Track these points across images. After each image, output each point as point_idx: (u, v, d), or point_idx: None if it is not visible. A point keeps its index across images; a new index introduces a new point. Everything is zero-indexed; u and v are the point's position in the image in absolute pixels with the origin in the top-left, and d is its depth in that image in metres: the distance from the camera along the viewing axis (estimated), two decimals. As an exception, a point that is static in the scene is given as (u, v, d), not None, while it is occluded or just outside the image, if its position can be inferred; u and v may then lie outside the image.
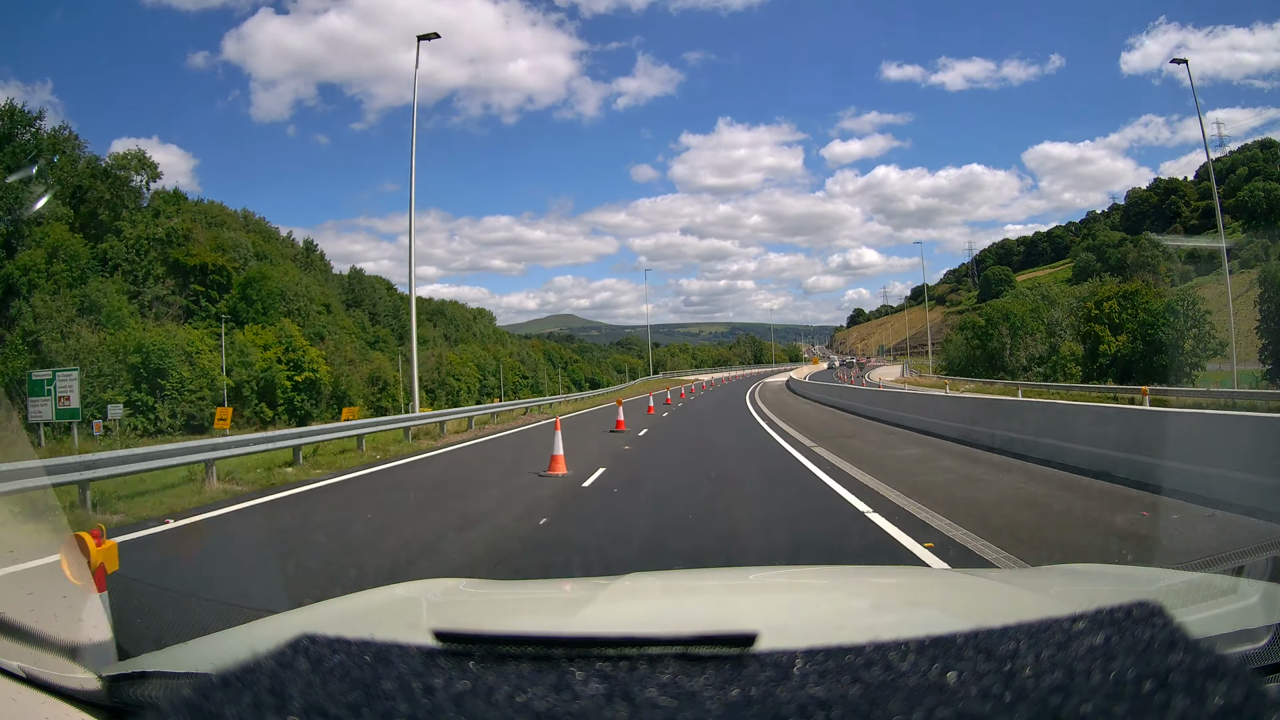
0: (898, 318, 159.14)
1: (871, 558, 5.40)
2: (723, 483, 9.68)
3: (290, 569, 5.63)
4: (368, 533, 7.28)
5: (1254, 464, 6.27)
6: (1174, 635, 0.71)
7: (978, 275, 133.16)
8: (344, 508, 8.88)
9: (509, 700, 0.67)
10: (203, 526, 7.69)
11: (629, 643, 0.76)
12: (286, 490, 10.00)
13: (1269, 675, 1.16)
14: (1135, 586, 1.97)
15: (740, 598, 2.00)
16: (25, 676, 1.26)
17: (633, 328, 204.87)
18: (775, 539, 6.44)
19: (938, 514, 6.79)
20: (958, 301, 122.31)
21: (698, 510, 7.86)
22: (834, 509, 7.53)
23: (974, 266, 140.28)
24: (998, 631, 0.74)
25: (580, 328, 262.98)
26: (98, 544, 1.78)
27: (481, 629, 0.79)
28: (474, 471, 11.99)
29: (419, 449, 15.60)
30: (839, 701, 0.65)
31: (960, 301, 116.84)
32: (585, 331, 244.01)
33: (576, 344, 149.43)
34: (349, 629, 0.84)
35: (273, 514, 8.39)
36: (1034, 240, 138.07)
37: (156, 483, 9.86)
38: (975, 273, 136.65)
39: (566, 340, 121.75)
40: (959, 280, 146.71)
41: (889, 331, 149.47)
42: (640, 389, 55.01)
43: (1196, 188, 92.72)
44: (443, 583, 2.37)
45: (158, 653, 1.45)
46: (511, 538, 6.65)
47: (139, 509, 8.45)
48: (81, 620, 1.66)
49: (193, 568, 6.34)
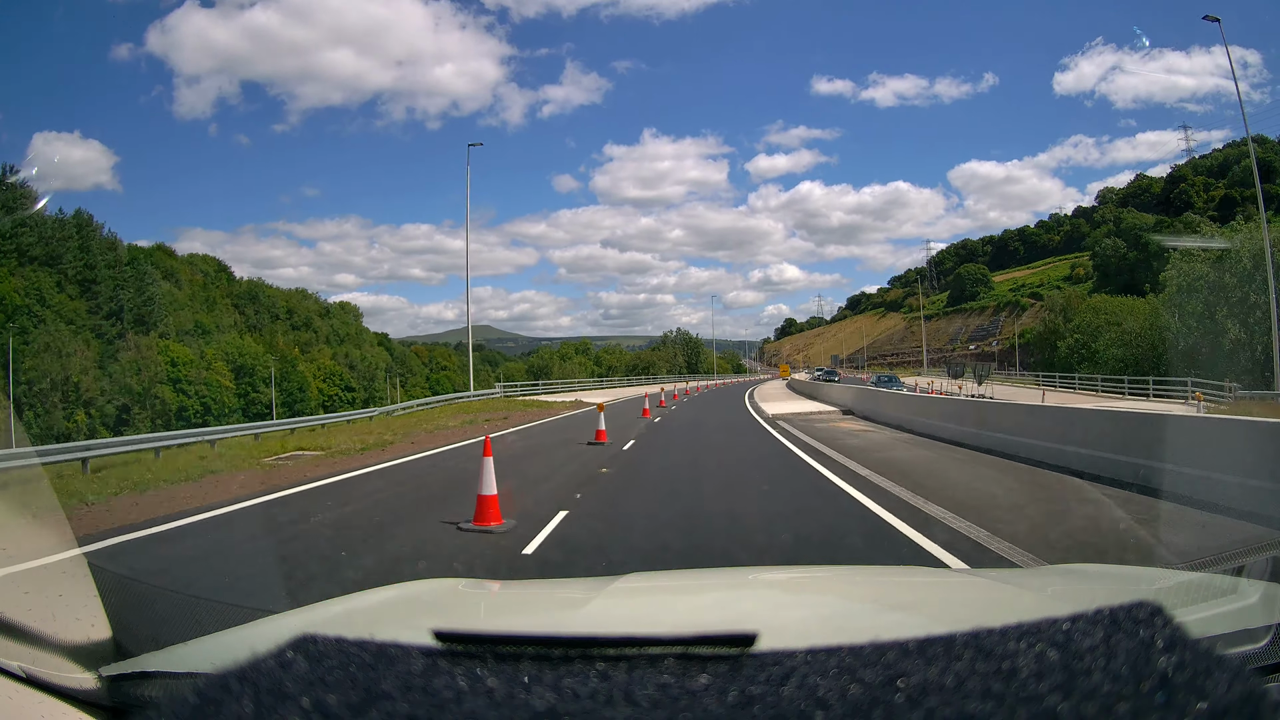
0: (839, 327, 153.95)
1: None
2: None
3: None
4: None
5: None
6: (1174, 635, 0.71)
7: (938, 278, 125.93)
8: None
9: (509, 700, 0.67)
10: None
11: (629, 643, 0.76)
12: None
13: (1269, 675, 1.16)
14: (1135, 586, 1.98)
15: (740, 598, 2.00)
16: (25, 676, 1.26)
17: (548, 339, 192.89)
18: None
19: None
20: (917, 306, 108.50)
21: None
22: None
23: (931, 268, 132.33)
24: (998, 631, 0.74)
25: (496, 339, 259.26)
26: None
27: (481, 629, 0.79)
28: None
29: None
30: (839, 701, 0.65)
31: (926, 306, 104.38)
32: (501, 343, 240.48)
33: (482, 354, 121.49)
34: (349, 629, 0.84)
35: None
36: (1003, 240, 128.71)
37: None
38: (934, 275, 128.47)
39: (477, 349, 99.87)
40: (908, 285, 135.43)
41: (832, 342, 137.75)
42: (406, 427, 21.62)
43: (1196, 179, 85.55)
44: (443, 583, 2.37)
45: (157, 653, 1.45)
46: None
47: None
48: (80, 620, 1.66)
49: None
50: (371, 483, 9.98)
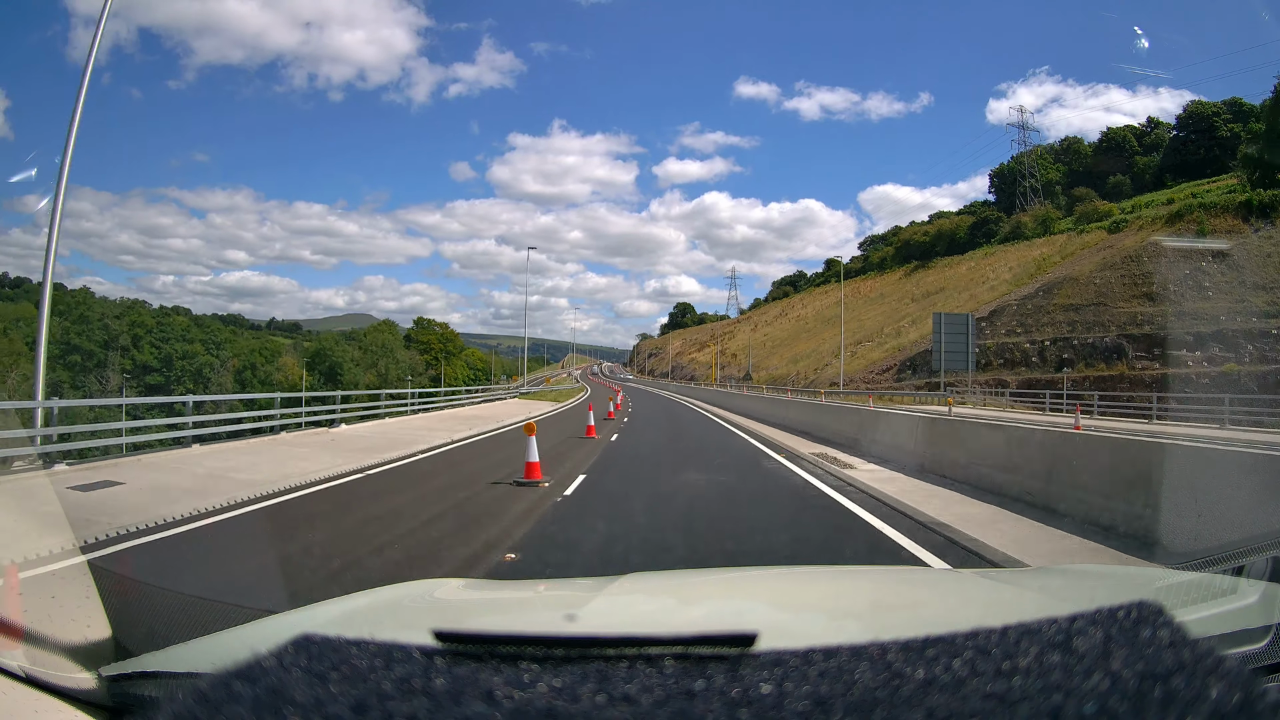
0: (772, 315, 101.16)
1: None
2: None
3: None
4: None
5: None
6: (1174, 635, 0.71)
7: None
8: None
9: (509, 700, 0.67)
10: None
11: (629, 643, 0.76)
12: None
13: (1269, 675, 1.16)
14: (1135, 586, 1.98)
15: (740, 598, 1.99)
16: (25, 676, 1.26)
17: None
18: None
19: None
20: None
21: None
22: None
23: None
24: (998, 631, 0.74)
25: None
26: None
27: (481, 629, 0.79)
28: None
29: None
30: (839, 701, 0.65)
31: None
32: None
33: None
34: (349, 629, 0.84)
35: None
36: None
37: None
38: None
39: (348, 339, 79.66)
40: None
41: (756, 339, 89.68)
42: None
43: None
44: (443, 583, 2.37)
45: (157, 652, 1.45)
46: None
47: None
48: (79, 620, 1.66)
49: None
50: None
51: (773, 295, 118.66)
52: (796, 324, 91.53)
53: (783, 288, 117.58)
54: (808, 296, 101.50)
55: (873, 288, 79.99)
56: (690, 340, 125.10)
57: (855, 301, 75.09)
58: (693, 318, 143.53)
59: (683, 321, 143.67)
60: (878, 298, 74.81)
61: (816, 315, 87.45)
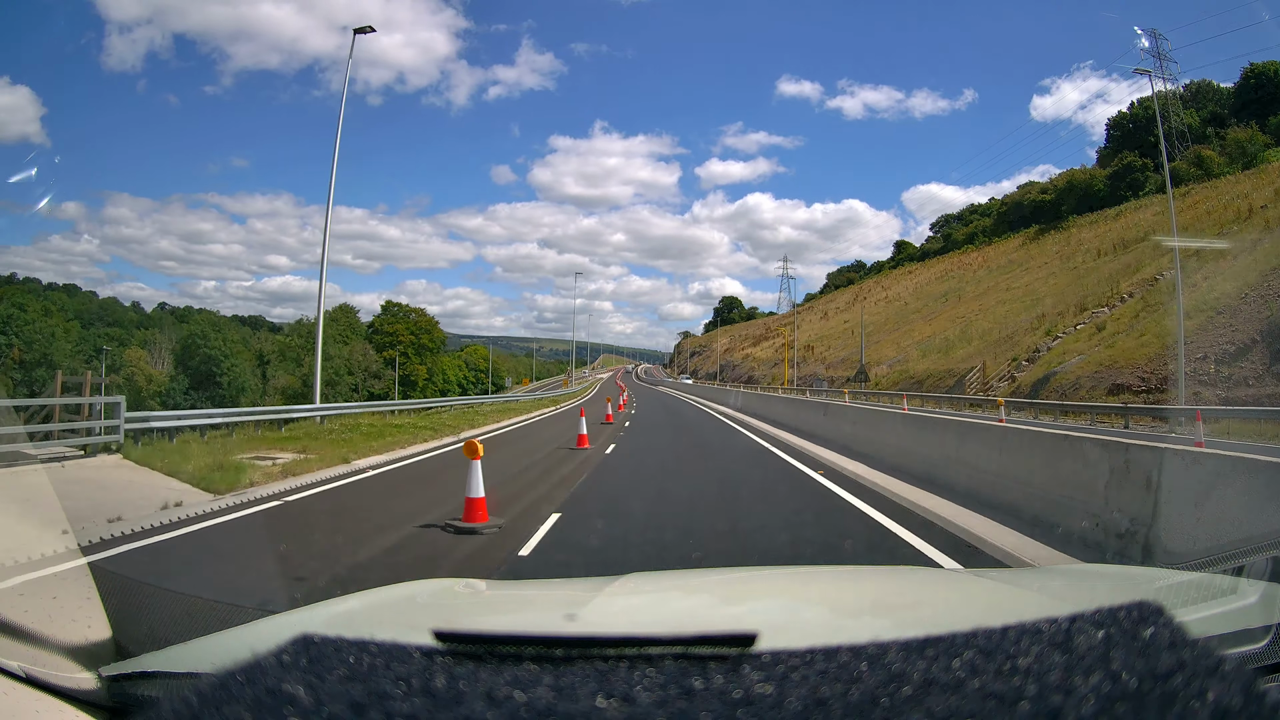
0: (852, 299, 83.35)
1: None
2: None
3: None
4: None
5: None
6: (1174, 635, 0.71)
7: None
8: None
9: (509, 700, 0.67)
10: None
11: (629, 643, 0.76)
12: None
13: (1269, 675, 1.16)
14: (1135, 586, 1.98)
15: (740, 597, 1.99)
16: (25, 676, 1.26)
17: (479, 338, 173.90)
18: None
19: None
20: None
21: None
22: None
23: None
24: (997, 631, 0.74)
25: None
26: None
27: (481, 629, 0.79)
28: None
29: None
30: (839, 701, 0.65)
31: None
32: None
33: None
34: (349, 629, 0.84)
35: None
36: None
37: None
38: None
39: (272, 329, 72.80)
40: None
41: (839, 327, 72.82)
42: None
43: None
44: (443, 583, 2.37)
45: (157, 653, 1.45)
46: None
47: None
48: (78, 620, 1.66)
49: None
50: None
51: (832, 285, 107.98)
52: (891, 307, 71.28)
53: (846, 274, 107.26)
54: (885, 279, 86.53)
55: (986, 258, 66.68)
56: (741, 335, 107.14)
57: (974, 274, 63.10)
58: (741, 313, 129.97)
59: (730, 317, 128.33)
60: (1006, 265, 60.28)
61: (916, 293, 70.83)
